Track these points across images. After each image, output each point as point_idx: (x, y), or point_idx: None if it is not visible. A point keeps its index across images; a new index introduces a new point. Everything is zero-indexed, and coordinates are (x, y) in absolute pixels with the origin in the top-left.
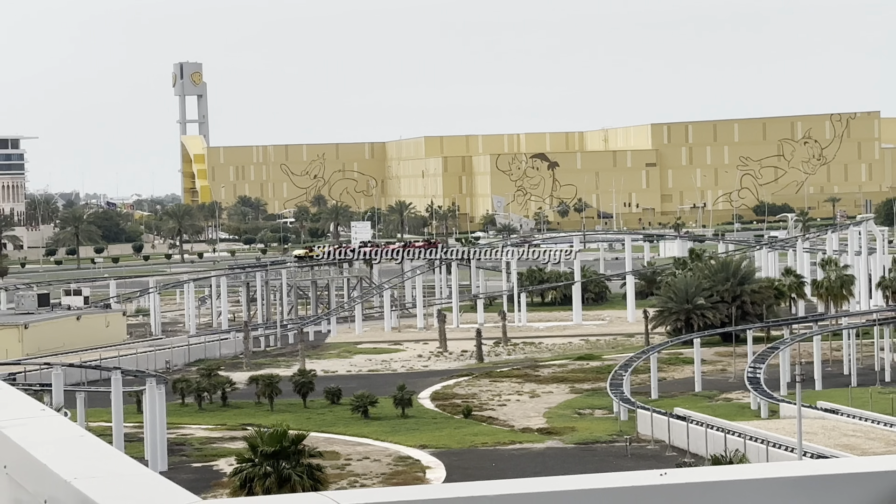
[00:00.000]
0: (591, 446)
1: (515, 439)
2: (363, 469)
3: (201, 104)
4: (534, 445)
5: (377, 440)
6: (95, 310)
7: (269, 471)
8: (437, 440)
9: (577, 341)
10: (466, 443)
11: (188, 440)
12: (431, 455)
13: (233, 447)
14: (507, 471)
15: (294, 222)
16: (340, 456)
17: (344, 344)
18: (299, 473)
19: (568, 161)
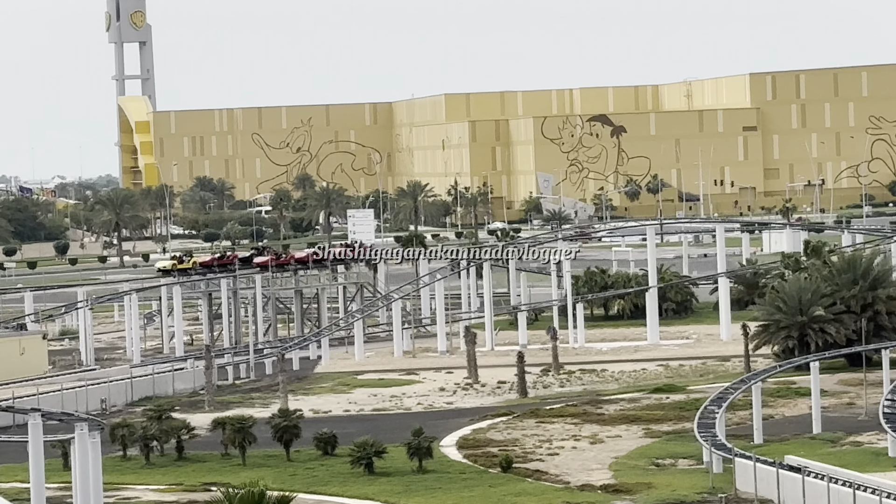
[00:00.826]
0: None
1: (572, 500)
2: None
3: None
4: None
5: (386, 503)
6: (5, 332)
7: None
8: (468, 502)
9: (654, 367)
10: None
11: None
12: None
13: None
14: None
15: (271, 211)
16: None
17: (340, 374)
18: None
19: (638, 125)
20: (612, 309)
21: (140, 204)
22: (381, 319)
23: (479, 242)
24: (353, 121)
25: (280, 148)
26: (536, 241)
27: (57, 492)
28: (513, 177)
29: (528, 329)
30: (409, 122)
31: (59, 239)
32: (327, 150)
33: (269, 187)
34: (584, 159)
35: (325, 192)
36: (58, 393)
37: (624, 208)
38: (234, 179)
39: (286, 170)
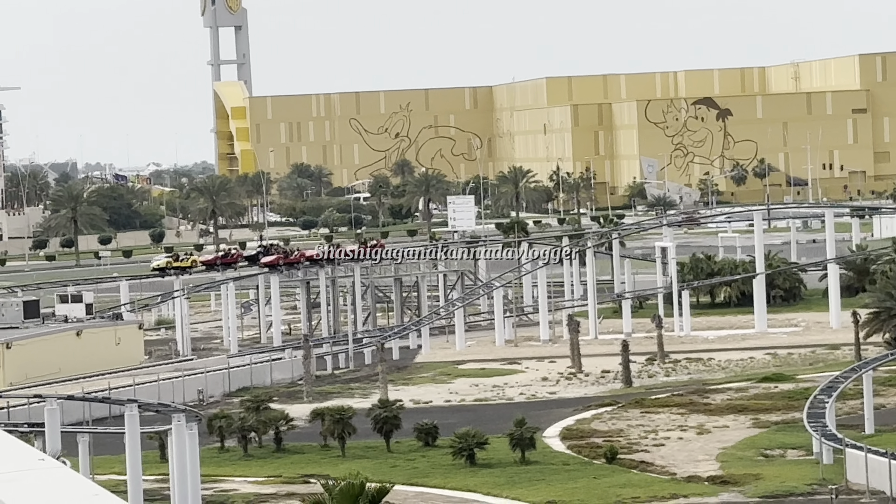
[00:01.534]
0: (783, 500)
1: (678, 492)
2: None
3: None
4: (704, 500)
5: (488, 495)
6: (102, 322)
7: None
8: (571, 494)
9: (762, 356)
10: (611, 497)
11: (231, 498)
12: None
13: None
14: None
15: (369, 198)
16: None
17: (440, 364)
18: None
19: (745, 108)
20: (718, 296)
21: (236, 191)
22: (482, 308)
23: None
24: (453, 105)
25: (378, 133)
26: (640, 227)
27: (154, 484)
28: (616, 161)
29: (632, 317)
30: (510, 106)
31: (155, 227)
32: (426, 135)
33: (368, 173)
34: (688, 143)
35: (424, 179)
36: (154, 383)
37: (730, 193)
38: (331, 166)
39: (385, 155)
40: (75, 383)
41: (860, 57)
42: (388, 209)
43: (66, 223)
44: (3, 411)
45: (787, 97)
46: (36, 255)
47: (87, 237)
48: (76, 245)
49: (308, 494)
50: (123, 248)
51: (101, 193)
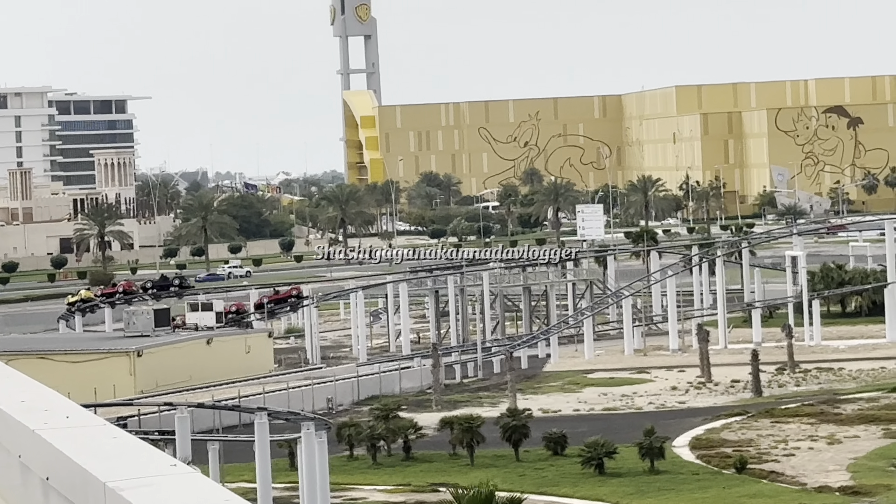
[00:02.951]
0: None
1: (809, 502)
2: None
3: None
4: None
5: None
6: (232, 330)
7: None
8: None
9: (893, 366)
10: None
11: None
12: None
13: None
14: None
15: (498, 207)
16: None
17: (569, 373)
18: None
19: (876, 116)
20: (849, 306)
21: (365, 200)
22: (610, 317)
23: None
24: (582, 114)
25: (507, 142)
26: (770, 236)
27: (283, 492)
28: (746, 170)
29: (762, 326)
30: (640, 114)
31: (284, 236)
32: (555, 143)
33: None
34: (819, 152)
35: (553, 187)
36: (284, 392)
37: (861, 202)
38: (460, 174)
39: (513, 164)
40: (205, 391)
41: None
42: (516, 218)
43: (196, 232)
44: (135, 419)
45: None
46: (166, 263)
47: (217, 246)
48: (206, 254)
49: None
50: (253, 257)
51: (230, 202)
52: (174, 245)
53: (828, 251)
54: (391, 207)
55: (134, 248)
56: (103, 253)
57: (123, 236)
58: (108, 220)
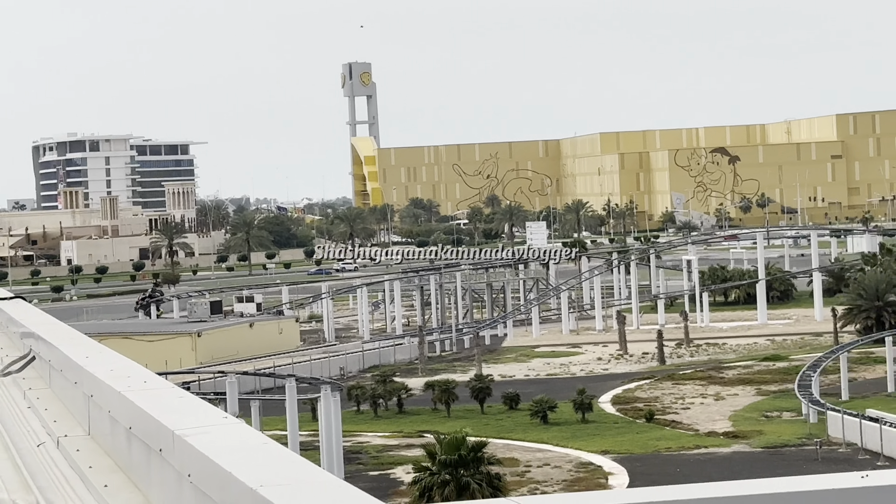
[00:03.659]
0: (780, 450)
1: (700, 444)
2: (543, 476)
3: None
4: (719, 450)
5: (557, 446)
6: (268, 317)
7: (447, 479)
8: (620, 445)
9: (763, 341)
10: (650, 448)
11: (364, 448)
12: (613, 461)
13: (410, 455)
14: (693, 476)
15: (467, 224)
16: (520, 463)
17: (521, 348)
18: (479, 481)
19: (749, 155)
20: (730, 296)
21: (368, 219)
22: (552, 305)
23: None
24: (530, 154)
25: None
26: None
27: (307, 437)
28: (653, 196)
29: (665, 312)
30: (573, 154)
31: (308, 246)
32: (510, 176)
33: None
34: (707, 181)
35: (508, 209)
36: (307, 363)
37: (738, 219)
38: (439, 199)
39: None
40: (248, 362)
41: (837, 116)
42: (481, 232)
43: (241, 243)
44: (196, 383)
45: (782, 147)
46: (219, 267)
47: (257, 253)
48: (249, 259)
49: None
50: (284, 262)
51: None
52: (225, 253)
53: (714, 256)
54: (387, 224)
55: (194, 256)
56: (172, 259)
57: (187, 247)
58: (175, 235)
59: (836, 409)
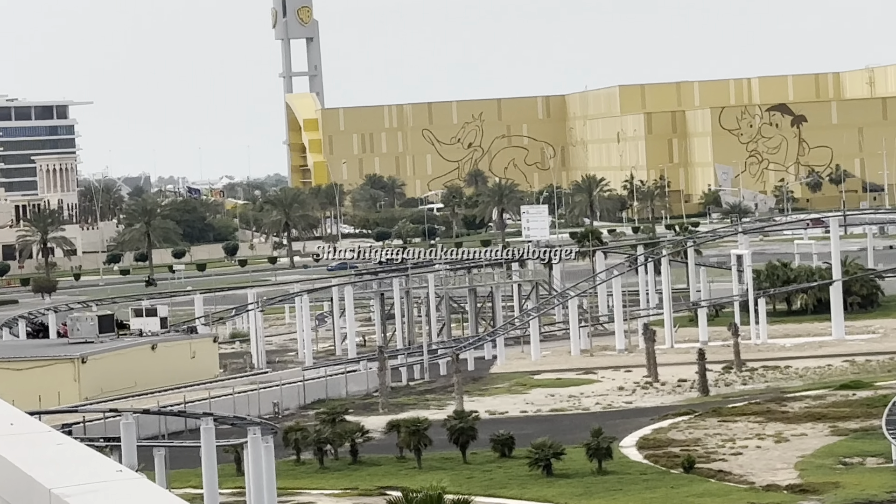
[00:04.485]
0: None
1: (757, 500)
2: None
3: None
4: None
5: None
6: (176, 336)
7: None
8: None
9: (840, 363)
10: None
11: None
12: None
13: None
14: None
15: (443, 208)
16: None
17: (516, 374)
18: None
19: (819, 114)
20: (794, 304)
21: (309, 203)
22: (557, 318)
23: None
24: (526, 115)
25: (451, 144)
26: (716, 234)
27: (230, 497)
28: (690, 169)
29: (708, 325)
30: (583, 114)
31: (228, 240)
32: (499, 144)
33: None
34: (763, 150)
35: (497, 188)
36: (229, 397)
37: (805, 200)
38: (404, 176)
39: (457, 166)
40: (151, 397)
41: None
42: (461, 219)
43: (139, 237)
44: (80, 426)
45: (862, 102)
46: (110, 269)
47: (161, 251)
48: (150, 259)
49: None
50: (197, 262)
51: (174, 207)
52: (117, 251)
53: (773, 249)
54: (335, 210)
55: (77, 255)
56: (46, 259)
57: (66, 242)
58: (50, 227)
59: None
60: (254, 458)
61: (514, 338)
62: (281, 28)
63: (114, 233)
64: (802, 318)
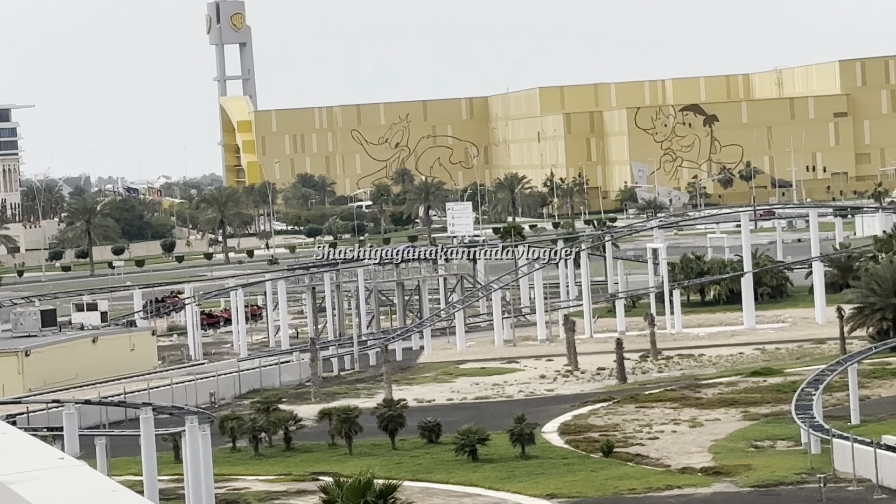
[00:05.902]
0: (774, 489)
1: (673, 483)
2: None
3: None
4: (697, 490)
5: (490, 489)
6: (116, 329)
7: None
8: (570, 487)
9: (751, 351)
10: (608, 489)
11: (243, 496)
12: None
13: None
14: None
15: (371, 206)
16: None
17: (442, 364)
18: None
19: (730, 114)
20: (708, 294)
21: (243, 201)
22: (481, 309)
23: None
24: (450, 115)
25: (379, 144)
26: (632, 229)
27: (169, 484)
28: (608, 167)
29: (626, 316)
30: (505, 115)
31: (166, 237)
32: (425, 144)
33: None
34: (677, 148)
35: (423, 186)
36: (168, 387)
37: (718, 196)
38: (334, 175)
39: (385, 165)
40: (92, 388)
41: (840, 63)
42: (389, 216)
43: (80, 235)
44: (24, 416)
45: (771, 102)
46: (52, 266)
47: (101, 248)
48: (90, 256)
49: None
50: (136, 258)
51: (113, 206)
52: (59, 248)
53: (687, 243)
54: (268, 208)
55: (20, 252)
56: None
57: (9, 240)
58: None
59: (845, 435)
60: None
61: (441, 329)
62: (215, 34)
63: (55, 231)
64: (715, 309)
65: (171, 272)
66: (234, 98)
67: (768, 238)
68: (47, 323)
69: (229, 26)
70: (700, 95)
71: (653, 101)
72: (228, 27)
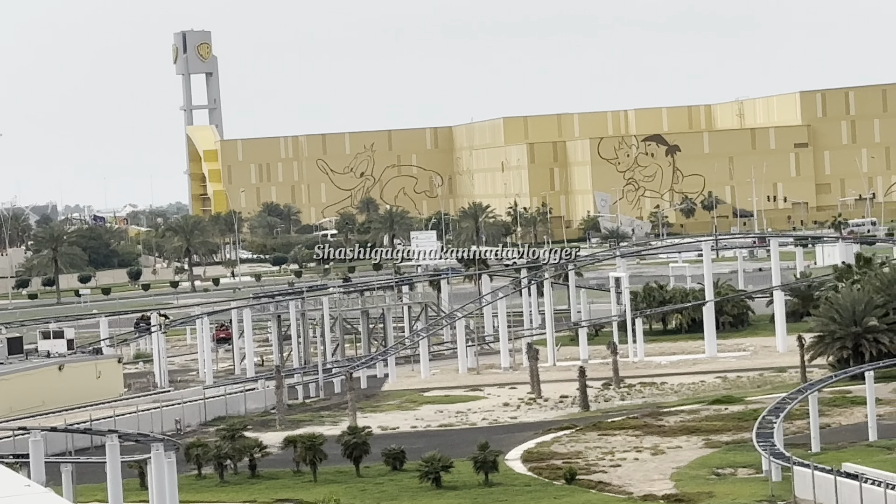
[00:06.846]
0: None
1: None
2: None
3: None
4: None
5: None
6: (82, 357)
7: None
8: None
9: (712, 379)
10: None
11: None
12: None
13: None
14: None
15: (336, 235)
16: None
17: (406, 392)
18: None
19: (692, 144)
20: (670, 323)
21: (209, 230)
22: (445, 337)
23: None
24: (415, 145)
25: (344, 173)
26: (595, 258)
27: None
28: (571, 196)
29: (588, 344)
30: (469, 145)
31: (132, 265)
32: (390, 174)
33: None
34: (640, 178)
35: (388, 215)
36: (133, 414)
37: (680, 225)
38: (300, 204)
39: (350, 194)
40: (58, 415)
41: (801, 94)
42: (354, 244)
43: (47, 263)
44: None
45: (733, 133)
46: (18, 293)
47: (68, 276)
48: (57, 284)
49: None
50: (102, 286)
51: (80, 234)
52: (26, 276)
53: (649, 272)
54: (234, 237)
55: None
56: None
57: None
58: None
59: (805, 463)
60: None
61: (405, 357)
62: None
63: (22, 259)
64: (677, 337)
65: (138, 300)
66: (201, 127)
67: (730, 267)
68: (13, 350)
69: (196, 56)
70: (662, 126)
71: (615, 131)
72: (195, 57)
